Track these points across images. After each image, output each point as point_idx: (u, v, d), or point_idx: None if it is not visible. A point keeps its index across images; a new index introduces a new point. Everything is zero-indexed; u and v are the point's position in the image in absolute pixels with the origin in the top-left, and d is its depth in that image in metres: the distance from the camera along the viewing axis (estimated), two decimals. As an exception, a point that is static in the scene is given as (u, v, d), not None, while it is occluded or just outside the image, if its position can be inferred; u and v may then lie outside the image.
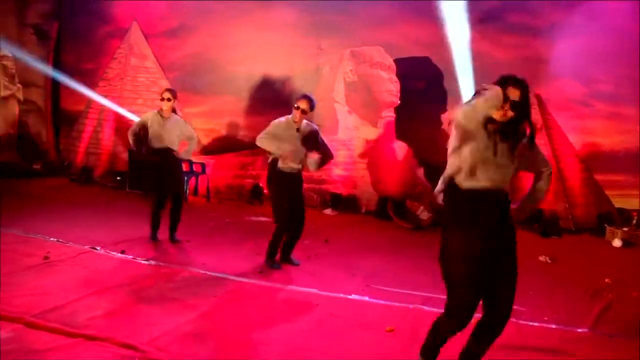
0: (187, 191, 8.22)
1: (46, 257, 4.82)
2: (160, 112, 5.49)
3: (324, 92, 8.24)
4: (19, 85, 8.95)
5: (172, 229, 5.69)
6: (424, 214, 7.09)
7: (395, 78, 7.85)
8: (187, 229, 6.01)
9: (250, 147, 8.50)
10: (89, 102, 9.71)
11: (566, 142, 7.64)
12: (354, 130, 8.04)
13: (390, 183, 7.80)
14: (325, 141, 5.06)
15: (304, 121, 4.89)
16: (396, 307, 4.11)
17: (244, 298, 4.23)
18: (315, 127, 5.01)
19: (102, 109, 9.53)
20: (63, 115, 10.06)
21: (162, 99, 5.47)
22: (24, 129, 9.30)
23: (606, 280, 5.08)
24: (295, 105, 4.79)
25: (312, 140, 4.87)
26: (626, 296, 4.70)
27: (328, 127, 8.20)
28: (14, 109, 9.00)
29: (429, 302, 4.17)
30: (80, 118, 9.86)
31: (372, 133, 7.98)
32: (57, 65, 9.67)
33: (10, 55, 8.80)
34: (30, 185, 8.49)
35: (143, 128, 5.49)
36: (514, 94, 2.55)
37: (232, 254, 5.43)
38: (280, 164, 4.85)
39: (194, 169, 8.48)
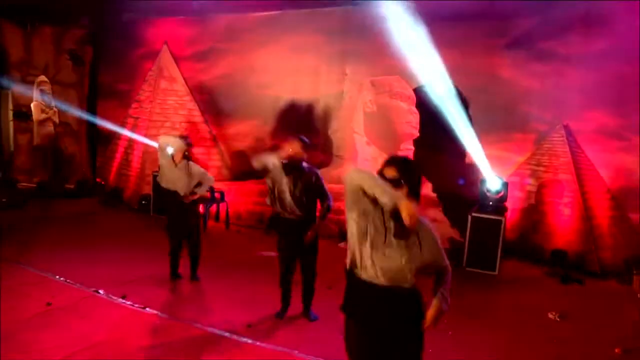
0: (208, 218, 8.46)
1: (48, 304, 5.12)
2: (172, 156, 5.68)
3: (343, 122, 8.23)
4: (55, 108, 9.47)
5: (192, 268, 5.94)
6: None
7: (414, 109, 7.73)
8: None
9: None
10: (123, 122, 10.11)
11: (596, 176, 7.28)
12: (372, 161, 7.97)
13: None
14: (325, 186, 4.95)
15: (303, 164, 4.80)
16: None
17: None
18: (315, 171, 4.91)
19: (134, 129, 9.91)
20: (99, 135, 10.54)
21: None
22: (59, 150, 9.81)
23: (616, 350, 4.75)
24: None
25: (311, 186, 4.80)
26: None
27: (347, 158, 8.21)
28: (51, 131, 9.53)
29: None
30: (114, 138, 10.29)
31: None
32: (93, 88, 10.14)
33: (47, 80, 9.31)
34: (60, 206, 9.00)
35: (160, 167, 5.78)
36: (389, 173, 2.61)
37: (226, 302, 5.50)
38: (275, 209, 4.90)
39: (215, 195, 8.69)
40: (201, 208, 8.75)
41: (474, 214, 6.75)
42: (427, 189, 7.67)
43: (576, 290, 6.42)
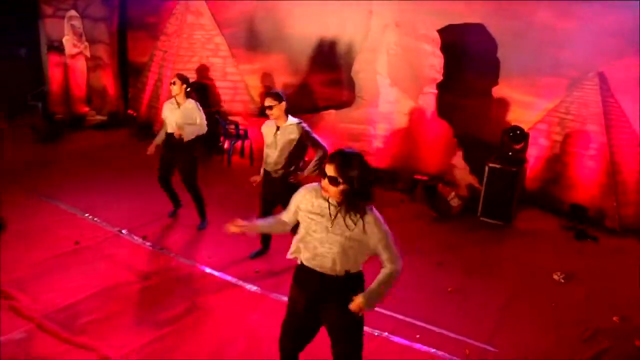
0: (232, 154, 8.75)
1: (77, 242, 5.61)
2: (174, 99, 5.86)
3: (366, 63, 8.15)
4: (86, 43, 9.72)
5: (199, 215, 6.20)
6: (454, 201, 7.05)
7: (439, 52, 7.55)
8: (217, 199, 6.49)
9: (298, 110, 8.77)
10: (152, 54, 10.28)
11: (628, 129, 7.06)
12: (394, 103, 7.97)
13: (424, 163, 7.76)
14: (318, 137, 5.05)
15: (290, 121, 4.93)
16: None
17: (233, 306, 4.70)
18: (302, 126, 4.98)
19: (162, 63, 10.08)
20: (131, 67, 10.77)
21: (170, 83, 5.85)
22: (92, 83, 10.15)
23: (614, 318, 4.73)
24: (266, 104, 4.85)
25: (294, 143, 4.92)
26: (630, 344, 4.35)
27: (369, 100, 8.19)
28: (83, 65, 9.84)
29: (398, 330, 4.37)
30: (145, 70, 10.51)
31: (411, 108, 7.86)
32: (122, 21, 10.27)
33: (77, 15, 9.49)
34: (93, 138, 9.47)
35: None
36: (328, 170, 2.74)
37: (237, 246, 5.66)
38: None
39: (239, 132, 8.93)
40: (226, 144, 9.07)
41: (490, 164, 6.75)
42: (447, 133, 7.66)
43: (590, 248, 6.35)
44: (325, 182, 2.76)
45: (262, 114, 6.16)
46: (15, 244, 5.51)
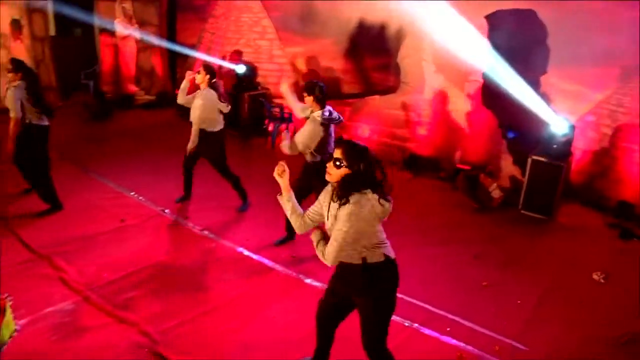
0: (276, 136, 8.86)
1: (122, 220, 5.87)
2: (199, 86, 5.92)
3: (413, 49, 8.07)
4: (136, 25, 10.00)
5: (240, 197, 6.34)
6: (496, 192, 6.96)
7: (486, 39, 7.38)
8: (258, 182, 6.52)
9: (342, 94, 8.81)
10: (200, 36, 10.48)
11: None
12: (439, 90, 7.88)
13: (467, 153, 7.67)
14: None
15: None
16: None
17: (268, 290, 4.84)
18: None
19: (210, 45, 10.27)
20: (180, 47, 11.01)
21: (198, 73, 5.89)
22: (141, 64, 10.45)
23: None
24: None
25: None
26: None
27: (414, 86, 8.13)
28: (133, 46, 10.13)
29: (429, 321, 4.40)
30: (193, 50, 10.72)
31: (456, 96, 7.76)
32: (172, 3, 10.49)
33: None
34: (142, 116, 9.80)
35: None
36: (336, 152, 2.93)
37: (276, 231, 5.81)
38: None
39: (284, 115, 9.03)
40: (270, 126, 9.19)
41: (534, 157, 6.62)
42: (492, 123, 7.54)
43: (635, 248, 6.07)
44: (330, 164, 2.94)
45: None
46: (66, 219, 5.84)
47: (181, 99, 6.10)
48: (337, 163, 2.89)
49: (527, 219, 6.62)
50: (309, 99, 5.02)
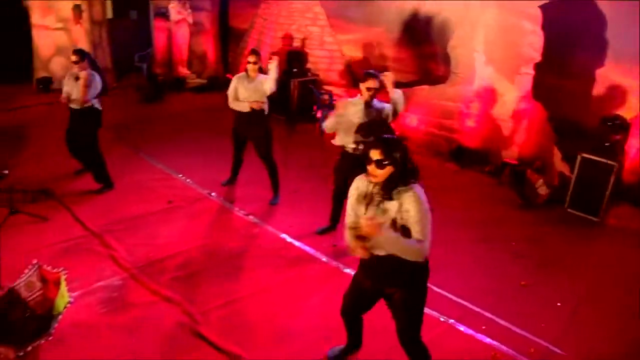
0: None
1: (170, 202, 6.10)
2: (246, 73, 5.94)
3: (463, 39, 7.93)
4: (189, 10, 10.24)
5: (273, 189, 6.32)
6: (542, 189, 6.82)
7: (539, 30, 7.18)
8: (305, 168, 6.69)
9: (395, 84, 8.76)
10: (252, 22, 10.63)
11: None
12: (489, 82, 7.74)
13: (515, 147, 7.52)
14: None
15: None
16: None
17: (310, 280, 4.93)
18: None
19: (262, 30, 10.39)
20: (231, 33, 11.21)
21: (248, 62, 5.88)
22: (193, 48, 10.71)
23: None
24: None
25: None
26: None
27: (464, 77, 8.02)
28: (186, 31, 10.39)
29: (464, 318, 4.40)
30: (244, 36, 10.90)
31: (506, 89, 7.61)
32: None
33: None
34: (193, 99, 10.06)
35: (235, 89, 5.99)
36: (374, 154, 2.90)
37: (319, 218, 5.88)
38: None
39: (333, 102, 9.08)
40: (319, 113, 9.26)
41: (584, 155, 6.44)
42: (542, 117, 7.36)
43: None
44: (372, 166, 2.92)
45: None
46: (117, 198, 6.14)
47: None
48: (379, 164, 2.90)
49: (573, 218, 6.45)
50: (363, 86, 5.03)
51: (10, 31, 10.07)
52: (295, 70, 9.47)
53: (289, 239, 5.53)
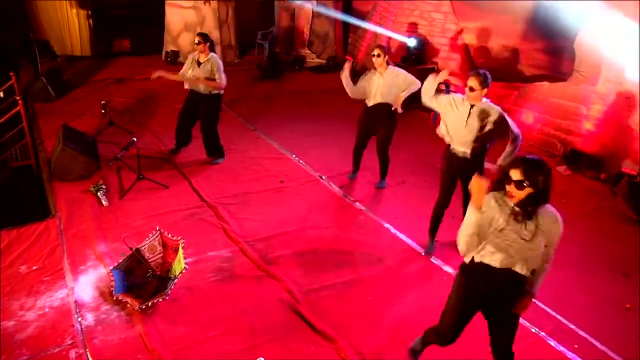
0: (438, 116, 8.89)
1: (282, 181, 6.48)
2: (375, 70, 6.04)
3: (592, 36, 7.46)
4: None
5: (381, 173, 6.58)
6: (662, 203, 6.31)
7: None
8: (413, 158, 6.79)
9: (510, 76, 8.53)
10: (375, 4, 10.75)
11: None
12: (615, 84, 7.25)
13: (636, 156, 6.99)
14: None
15: (486, 102, 4.70)
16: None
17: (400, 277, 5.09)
18: (503, 113, 4.72)
19: (384, 14, 10.49)
20: (354, 14, 11.41)
21: (372, 55, 5.99)
22: (315, 28, 11.07)
23: None
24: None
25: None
26: None
27: (588, 76, 7.60)
28: (308, 11, 10.77)
29: (556, 333, 4.27)
30: (366, 19, 11.05)
31: (634, 92, 7.07)
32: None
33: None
34: (311, 79, 10.47)
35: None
36: (514, 174, 2.88)
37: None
38: None
39: (449, 91, 9.00)
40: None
41: None
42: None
43: None
44: (511, 186, 2.90)
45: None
46: (232, 173, 6.64)
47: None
48: (519, 185, 2.88)
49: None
50: (482, 93, 4.63)
51: (148, 7, 11.11)
52: (413, 57, 9.49)
53: (392, 230, 5.68)
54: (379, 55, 5.90)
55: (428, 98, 5.03)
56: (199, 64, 6.34)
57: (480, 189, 2.93)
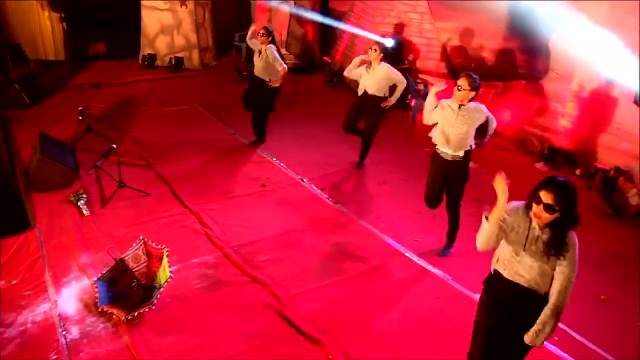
0: (417, 112, 9.01)
1: (263, 185, 6.52)
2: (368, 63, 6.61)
3: (567, 35, 7.61)
4: (291, -8, 10.65)
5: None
6: (634, 199, 6.49)
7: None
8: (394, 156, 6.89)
9: (488, 76, 8.66)
10: (352, 4, 10.81)
11: None
12: (589, 82, 7.45)
13: (610, 152, 7.17)
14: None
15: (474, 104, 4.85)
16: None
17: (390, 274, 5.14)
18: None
19: (361, 14, 10.55)
20: (332, 14, 11.44)
21: (369, 49, 6.53)
22: (292, 28, 11.11)
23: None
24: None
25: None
26: None
27: (563, 75, 7.78)
28: (286, 11, 10.82)
29: None
30: (343, 19, 11.10)
31: (606, 90, 7.25)
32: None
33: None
34: (289, 80, 10.30)
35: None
36: (546, 197, 2.84)
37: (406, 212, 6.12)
38: None
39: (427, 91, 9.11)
40: (413, 102, 9.35)
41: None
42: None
43: None
44: (540, 208, 2.87)
45: (453, 75, 6.11)
46: (213, 178, 6.64)
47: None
48: (550, 209, 2.85)
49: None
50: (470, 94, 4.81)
51: (123, 9, 11.05)
52: (390, 57, 9.56)
53: (375, 232, 5.75)
54: (375, 50, 6.43)
55: (428, 118, 5.07)
56: (260, 53, 7.04)
57: (503, 192, 2.93)
